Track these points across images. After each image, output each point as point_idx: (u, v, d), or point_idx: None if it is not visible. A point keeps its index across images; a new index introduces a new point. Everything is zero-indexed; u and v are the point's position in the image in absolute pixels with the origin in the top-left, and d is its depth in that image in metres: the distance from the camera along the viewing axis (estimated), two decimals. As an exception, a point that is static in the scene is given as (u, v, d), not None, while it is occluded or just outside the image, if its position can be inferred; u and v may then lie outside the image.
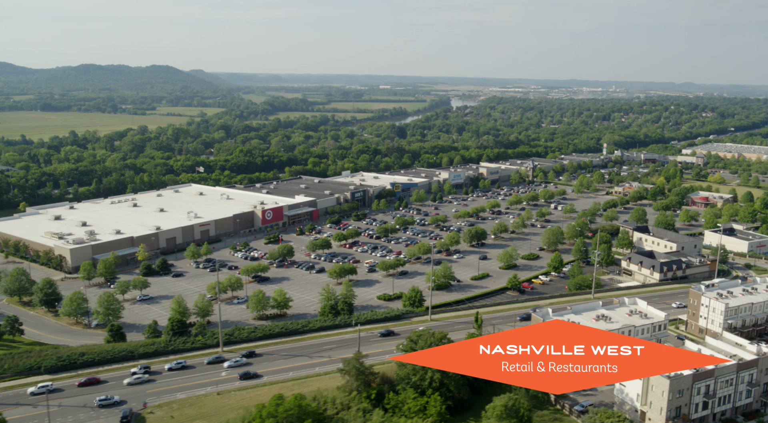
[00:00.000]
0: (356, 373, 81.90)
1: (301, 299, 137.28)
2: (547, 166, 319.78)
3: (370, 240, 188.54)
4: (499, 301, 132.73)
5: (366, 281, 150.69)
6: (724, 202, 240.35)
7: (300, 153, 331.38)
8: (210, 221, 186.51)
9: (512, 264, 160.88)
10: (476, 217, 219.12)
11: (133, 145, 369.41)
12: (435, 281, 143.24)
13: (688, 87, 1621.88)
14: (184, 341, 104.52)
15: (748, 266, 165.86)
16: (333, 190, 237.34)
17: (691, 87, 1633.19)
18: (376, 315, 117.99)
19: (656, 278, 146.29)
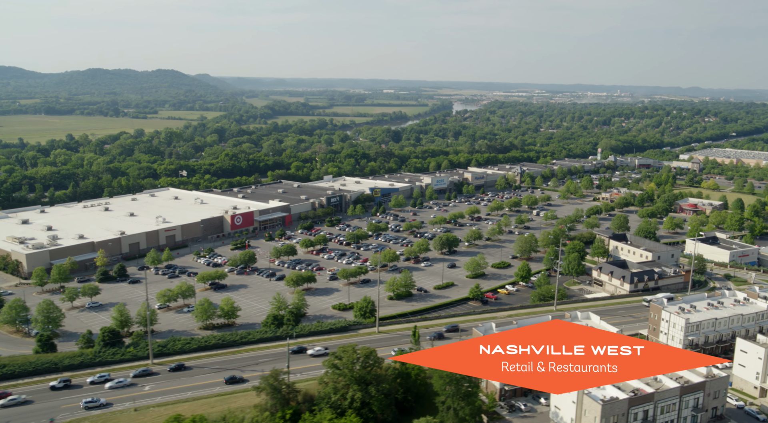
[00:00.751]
0: (272, 390, 77.19)
1: (253, 308, 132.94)
2: (536, 171, 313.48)
3: (339, 246, 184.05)
4: (456, 312, 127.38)
5: (325, 290, 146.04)
6: (713, 210, 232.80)
7: (287, 157, 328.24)
8: (176, 226, 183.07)
9: (480, 273, 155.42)
10: (454, 223, 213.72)
11: (123, 149, 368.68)
12: (394, 290, 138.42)
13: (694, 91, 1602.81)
14: (114, 353, 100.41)
15: (728, 277, 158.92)
16: (310, 195, 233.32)
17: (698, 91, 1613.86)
18: (320, 326, 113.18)
19: (626, 289, 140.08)
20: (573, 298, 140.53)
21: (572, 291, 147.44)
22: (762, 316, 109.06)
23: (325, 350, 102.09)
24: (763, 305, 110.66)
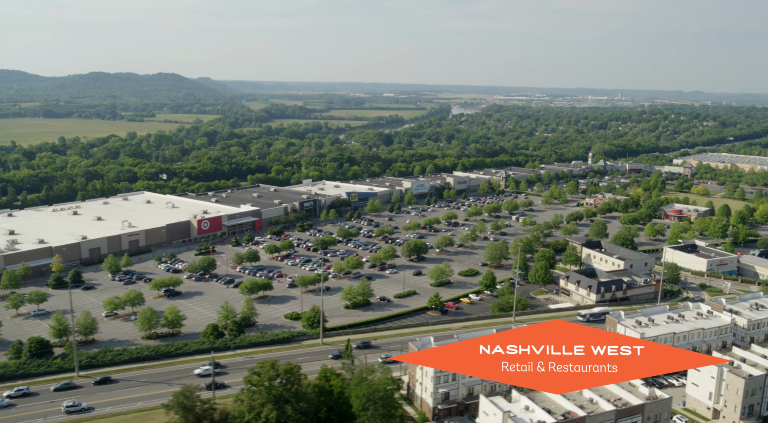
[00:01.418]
0: (181, 409, 72.60)
1: (204, 317, 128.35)
2: (522, 175, 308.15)
3: (307, 252, 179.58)
4: (408, 323, 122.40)
5: (282, 298, 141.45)
6: (698, 216, 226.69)
7: (270, 161, 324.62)
8: (140, 231, 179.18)
9: (445, 281, 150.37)
10: (429, 228, 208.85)
11: (108, 152, 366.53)
12: (350, 299, 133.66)
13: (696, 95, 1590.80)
14: (39, 364, 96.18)
15: (703, 287, 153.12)
16: (286, 199, 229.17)
17: (700, 95, 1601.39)
18: (262, 338, 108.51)
19: (593, 299, 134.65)
20: (537, 308, 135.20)
21: (538, 301, 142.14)
22: (724, 331, 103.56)
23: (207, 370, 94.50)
24: (726, 319, 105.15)
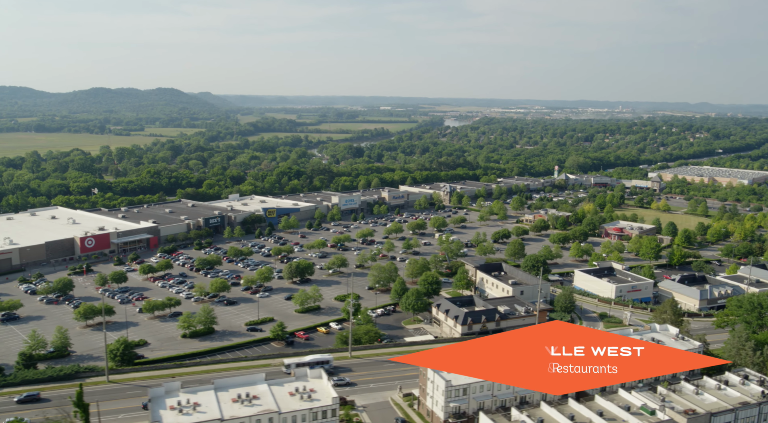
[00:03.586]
0: None
1: (19, 345, 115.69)
2: (472, 190, 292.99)
3: (191, 272, 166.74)
4: (225, 358, 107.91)
5: (124, 324, 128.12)
6: (641, 234, 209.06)
7: (212, 175, 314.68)
8: (12, 249, 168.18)
9: (313, 307, 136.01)
10: (338, 246, 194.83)
11: (57, 165, 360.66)
12: (188, 326, 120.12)
13: (702, 107, 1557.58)
14: None
15: (603, 316, 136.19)
16: (200, 214, 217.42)
17: (706, 107, 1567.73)
18: (41, 374, 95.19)
19: (459, 332, 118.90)
20: (397, 340, 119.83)
21: (407, 331, 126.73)
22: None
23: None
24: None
